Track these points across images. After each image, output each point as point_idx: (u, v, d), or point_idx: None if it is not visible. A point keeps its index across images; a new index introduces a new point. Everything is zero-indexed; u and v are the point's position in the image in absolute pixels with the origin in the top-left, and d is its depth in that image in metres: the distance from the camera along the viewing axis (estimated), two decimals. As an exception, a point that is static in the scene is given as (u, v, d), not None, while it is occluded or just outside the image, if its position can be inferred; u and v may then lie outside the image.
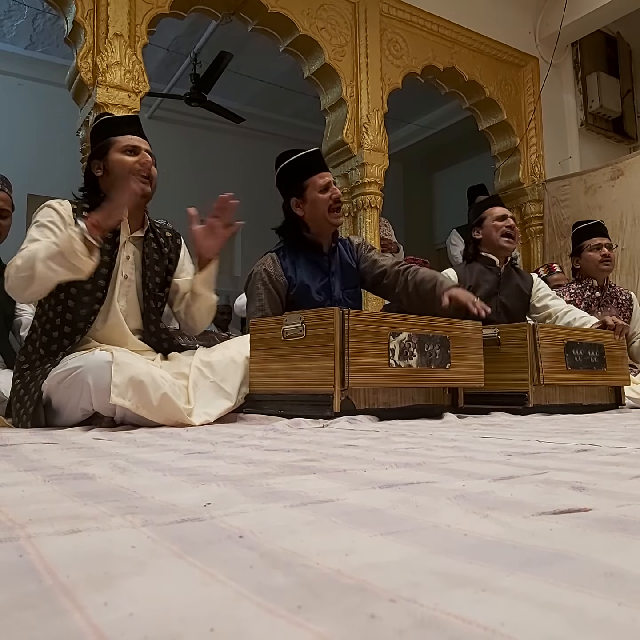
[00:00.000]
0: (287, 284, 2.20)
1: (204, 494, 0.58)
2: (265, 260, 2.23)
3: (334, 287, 2.25)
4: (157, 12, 3.33)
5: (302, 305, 2.14)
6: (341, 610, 0.29)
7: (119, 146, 1.87)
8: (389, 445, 1.03)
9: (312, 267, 2.25)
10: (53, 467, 0.81)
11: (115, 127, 1.91)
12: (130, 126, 1.93)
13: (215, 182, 6.99)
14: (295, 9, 3.81)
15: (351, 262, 2.32)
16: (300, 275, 2.21)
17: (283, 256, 2.24)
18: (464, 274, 2.74)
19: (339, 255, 2.30)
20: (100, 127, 1.93)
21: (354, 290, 2.32)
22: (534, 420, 1.76)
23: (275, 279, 2.18)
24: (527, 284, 2.78)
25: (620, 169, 4.49)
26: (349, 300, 2.27)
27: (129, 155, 1.87)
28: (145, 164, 1.86)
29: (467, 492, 0.58)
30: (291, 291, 2.20)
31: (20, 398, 1.71)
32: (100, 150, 1.88)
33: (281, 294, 2.20)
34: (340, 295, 2.25)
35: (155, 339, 1.92)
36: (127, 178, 1.74)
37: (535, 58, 5.04)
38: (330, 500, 0.55)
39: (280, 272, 2.20)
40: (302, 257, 2.25)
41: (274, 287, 2.18)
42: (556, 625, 0.27)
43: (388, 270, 2.26)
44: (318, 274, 2.24)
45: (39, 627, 0.27)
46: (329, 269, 2.26)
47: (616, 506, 0.51)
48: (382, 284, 2.29)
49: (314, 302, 2.18)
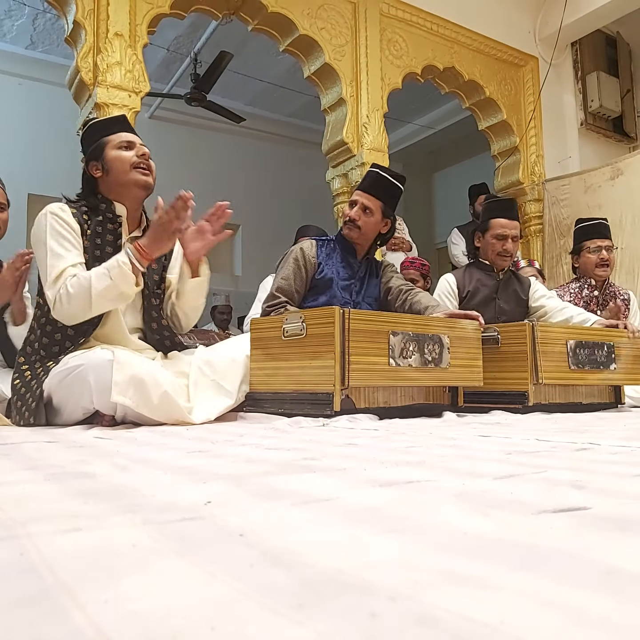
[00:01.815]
0: (316, 266, 2.32)
1: (204, 493, 0.58)
2: (305, 242, 2.38)
3: (357, 290, 2.36)
4: (157, 12, 3.32)
5: (322, 294, 2.29)
6: (341, 609, 0.29)
7: (114, 143, 1.87)
8: (389, 444, 1.04)
9: (344, 265, 2.36)
10: (54, 465, 0.81)
11: (105, 128, 1.92)
12: (120, 125, 1.94)
13: (215, 182, 7.00)
14: (295, 9, 3.81)
15: (376, 277, 2.46)
16: (331, 267, 2.33)
17: (322, 245, 2.38)
18: (463, 279, 2.74)
19: (368, 267, 2.43)
20: (90, 131, 1.94)
21: (373, 299, 2.43)
22: (534, 419, 1.76)
23: (308, 259, 2.31)
24: (525, 288, 2.78)
25: (620, 168, 4.48)
26: (367, 306, 2.39)
27: (125, 150, 1.87)
28: (143, 156, 1.87)
29: (467, 490, 0.58)
30: (317, 275, 2.32)
31: (22, 396, 1.70)
32: (95, 152, 1.88)
33: (309, 274, 2.32)
34: (361, 299, 2.37)
35: (158, 336, 1.92)
36: (163, 205, 1.73)
37: (535, 58, 5.03)
38: (330, 498, 0.55)
39: (315, 254, 2.33)
40: (338, 254, 2.37)
41: (304, 265, 2.31)
42: (556, 623, 0.27)
43: (394, 289, 2.39)
44: (346, 273, 2.35)
45: (40, 625, 0.27)
46: (357, 273, 2.37)
47: (616, 505, 0.51)
48: (386, 298, 2.42)
49: (335, 294, 2.30)
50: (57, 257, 1.72)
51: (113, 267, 1.70)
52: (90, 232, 1.81)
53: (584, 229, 3.29)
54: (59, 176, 5.54)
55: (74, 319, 1.74)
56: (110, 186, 1.87)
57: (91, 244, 1.80)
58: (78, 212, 1.82)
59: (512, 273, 2.81)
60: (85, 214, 1.83)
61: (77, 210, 1.83)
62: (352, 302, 2.32)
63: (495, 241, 2.69)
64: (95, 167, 1.88)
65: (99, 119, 2.03)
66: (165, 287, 1.99)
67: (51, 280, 1.71)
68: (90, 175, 1.89)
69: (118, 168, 1.85)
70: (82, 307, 1.70)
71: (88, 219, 1.83)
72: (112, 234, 1.84)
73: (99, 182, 1.89)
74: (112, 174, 1.86)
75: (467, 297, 2.70)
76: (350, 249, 2.37)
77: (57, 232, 1.75)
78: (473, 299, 2.68)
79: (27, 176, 5.79)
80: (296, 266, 2.29)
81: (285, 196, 7.32)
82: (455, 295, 2.73)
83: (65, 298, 1.69)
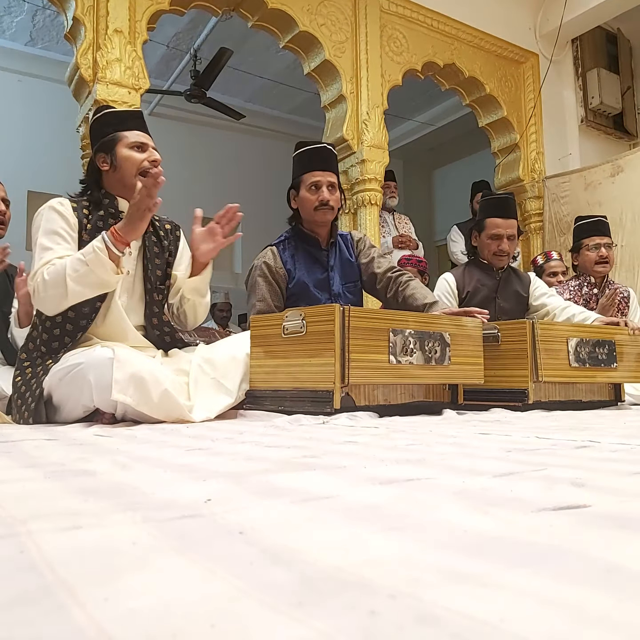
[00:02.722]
0: (287, 276, 2.23)
1: (204, 490, 0.58)
2: (266, 254, 2.26)
3: (333, 281, 2.26)
4: (157, 9, 3.32)
5: (300, 300, 2.17)
6: (341, 606, 0.29)
7: (127, 142, 1.85)
8: (389, 442, 1.04)
9: (311, 261, 2.26)
10: (54, 463, 0.81)
11: (120, 122, 1.89)
12: (136, 121, 1.91)
13: (214, 179, 7.00)
14: (295, 5, 3.80)
15: (350, 257, 2.33)
16: (300, 269, 2.23)
17: (283, 249, 2.27)
18: (462, 279, 2.72)
19: (338, 250, 2.32)
20: (103, 120, 1.90)
21: (353, 285, 2.33)
22: (534, 417, 1.76)
23: (276, 271, 2.21)
24: (525, 285, 2.76)
25: (620, 165, 4.48)
26: (349, 295, 2.29)
27: (137, 151, 1.85)
28: (154, 162, 1.85)
29: (467, 488, 0.58)
30: (290, 284, 2.23)
31: (22, 394, 1.71)
32: (106, 145, 1.85)
33: (281, 286, 2.22)
34: (340, 289, 2.27)
35: (158, 332, 1.92)
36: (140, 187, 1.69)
37: (536, 54, 5.02)
38: (330, 496, 0.55)
39: (280, 264, 2.23)
40: (301, 250, 2.27)
41: (274, 279, 2.21)
42: (556, 620, 0.27)
43: (381, 276, 2.28)
44: (317, 268, 2.26)
45: (40, 623, 0.27)
46: (327, 264, 2.27)
47: (616, 502, 0.51)
48: (375, 287, 2.32)
49: (312, 297, 2.20)
50: (44, 250, 1.72)
51: (89, 252, 1.66)
52: (91, 226, 1.81)
53: (584, 227, 3.29)
54: (59, 173, 5.55)
55: (53, 308, 1.71)
56: (116, 183, 1.86)
57: (91, 239, 1.79)
58: (78, 207, 1.82)
59: (512, 270, 2.80)
60: (86, 209, 1.83)
61: (77, 204, 1.82)
62: (331, 297, 2.23)
63: (490, 241, 2.66)
64: (103, 159, 1.86)
65: (115, 110, 1.98)
66: (171, 283, 1.99)
67: (34, 271, 1.70)
68: (96, 167, 1.87)
69: (127, 169, 1.83)
70: (57, 295, 1.66)
71: (89, 213, 1.83)
72: None
73: (104, 175, 1.87)
74: (119, 172, 1.84)
75: (466, 298, 2.69)
76: (313, 241, 2.26)
77: (50, 228, 1.75)
78: (473, 299, 2.67)
79: (27, 173, 5.79)
80: (266, 283, 2.19)
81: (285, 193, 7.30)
82: (454, 295, 2.71)
83: (42, 286, 1.67)
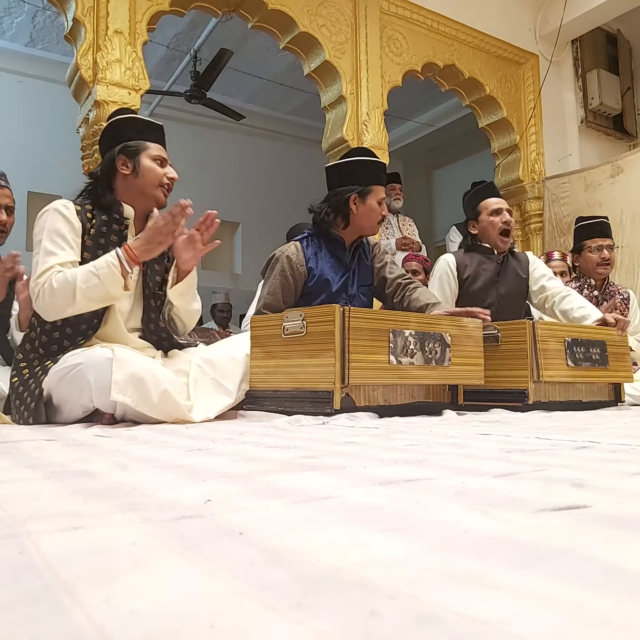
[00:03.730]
0: (306, 274, 2.21)
1: (204, 491, 0.58)
2: (289, 247, 2.24)
3: (351, 282, 2.28)
4: (157, 9, 3.32)
5: (319, 297, 2.18)
6: (341, 607, 0.29)
7: (152, 154, 1.87)
8: (389, 442, 1.03)
9: (334, 260, 2.26)
10: (53, 464, 0.81)
11: (143, 130, 1.90)
12: (158, 134, 1.93)
13: (215, 180, 7.00)
14: (295, 6, 3.80)
15: (366, 261, 2.36)
16: (322, 267, 2.23)
17: (306, 246, 2.25)
18: (463, 261, 2.70)
19: (360, 253, 2.34)
20: (127, 123, 1.91)
21: (368, 288, 2.35)
22: (534, 417, 1.76)
23: (296, 267, 2.19)
24: (524, 266, 2.74)
25: (620, 166, 4.48)
26: (362, 298, 2.31)
27: (159, 165, 1.88)
28: (172, 180, 1.90)
29: (466, 489, 0.58)
30: (310, 282, 2.22)
31: (20, 395, 1.70)
32: (130, 150, 1.86)
33: (298, 284, 2.21)
34: (355, 291, 2.29)
35: (155, 337, 1.92)
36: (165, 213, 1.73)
37: (536, 55, 5.03)
38: (330, 497, 0.55)
39: (302, 261, 2.21)
40: (325, 249, 2.27)
41: (292, 275, 2.19)
42: (556, 621, 0.27)
43: (391, 281, 2.32)
44: (339, 268, 2.26)
45: (40, 624, 0.27)
46: (349, 265, 2.28)
47: (616, 503, 0.51)
48: (383, 291, 2.35)
49: (331, 295, 2.21)
50: (49, 254, 1.72)
51: (102, 267, 1.68)
52: (94, 230, 1.80)
53: (585, 228, 3.28)
54: (59, 174, 5.55)
55: (54, 315, 1.73)
56: (132, 189, 1.86)
57: (94, 243, 1.79)
58: (82, 210, 1.81)
59: (510, 253, 2.77)
60: (89, 212, 1.82)
61: (81, 207, 1.82)
62: (347, 297, 2.25)
63: (493, 217, 2.67)
64: (123, 162, 1.86)
65: (139, 117, 1.98)
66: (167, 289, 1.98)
67: (38, 274, 1.70)
68: (113, 167, 1.87)
69: (150, 179, 1.85)
70: (63, 304, 1.68)
71: (92, 217, 1.82)
72: (117, 235, 1.83)
73: (120, 178, 1.86)
74: (141, 180, 1.85)
75: (467, 281, 2.67)
76: (338, 242, 2.27)
77: (54, 230, 1.74)
78: (474, 283, 2.65)
79: (27, 174, 5.79)
80: (283, 277, 2.18)
81: (285, 194, 7.31)
82: (454, 276, 2.68)
83: (48, 292, 1.68)
